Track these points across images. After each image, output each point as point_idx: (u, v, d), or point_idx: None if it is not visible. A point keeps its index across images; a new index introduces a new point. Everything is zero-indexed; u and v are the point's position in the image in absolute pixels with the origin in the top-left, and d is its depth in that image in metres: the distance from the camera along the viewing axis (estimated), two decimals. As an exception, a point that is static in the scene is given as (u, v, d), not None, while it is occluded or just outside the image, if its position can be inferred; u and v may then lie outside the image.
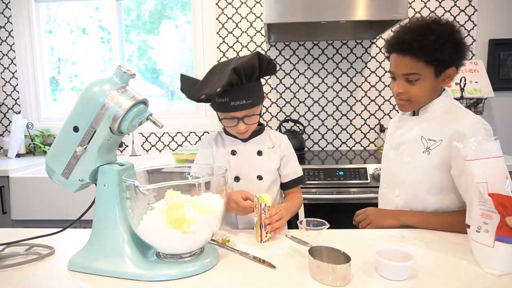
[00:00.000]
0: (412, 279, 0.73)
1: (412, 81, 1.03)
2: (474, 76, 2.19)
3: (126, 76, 0.82)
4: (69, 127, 0.81)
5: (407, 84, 1.04)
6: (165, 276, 0.75)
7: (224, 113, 1.10)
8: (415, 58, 1.00)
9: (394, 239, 0.95)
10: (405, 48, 1.00)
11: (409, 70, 1.02)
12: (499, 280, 0.72)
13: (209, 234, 0.81)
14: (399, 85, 1.06)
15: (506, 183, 0.75)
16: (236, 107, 1.06)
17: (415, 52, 0.99)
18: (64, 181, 0.85)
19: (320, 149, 2.49)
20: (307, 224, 0.96)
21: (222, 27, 2.43)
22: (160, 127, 0.85)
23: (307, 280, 0.74)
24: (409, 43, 0.99)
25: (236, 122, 1.09)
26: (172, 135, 2.53)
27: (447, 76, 1.04)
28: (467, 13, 2.31)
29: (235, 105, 1.06)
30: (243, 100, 1.06)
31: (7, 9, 2.51)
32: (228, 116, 1.09)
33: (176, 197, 0.75)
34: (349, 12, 1.81)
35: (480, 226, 0.78)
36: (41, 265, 0.83)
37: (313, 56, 2.42)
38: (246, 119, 1.09)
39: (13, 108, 2.59)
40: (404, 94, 1.05)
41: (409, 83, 1.04)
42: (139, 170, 0.87)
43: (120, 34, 2.55)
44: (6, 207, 1.95)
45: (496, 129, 2.36)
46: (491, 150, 0.78)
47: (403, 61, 1.02)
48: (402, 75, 1.04)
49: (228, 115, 1.09)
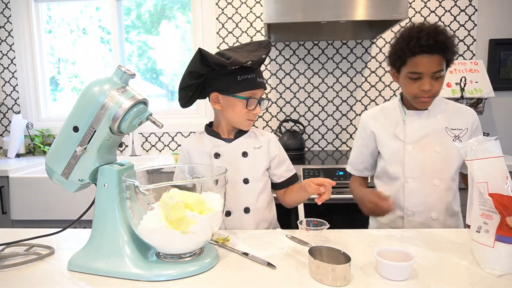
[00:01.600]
0: (412, 279, 0.73)
1: (438, 78, 1.13)
2: (474, 76, 2.19)
3: (126, 76, 0.82)
4: (69, 127, 0.81)
5: (433, 81, 1.12)
6: (165, 276, 0.75)
7: (248, 92, 1.08)
8: (443, 56, 1.11)
9: (394, 239, 0.95)
10: (441, 47, 1.09)
11: (438, 67, 1.11)
12: (499, 280, 0.72)
13: (209, 234, 0.81)
14: (428, 83, 1.12)
15: (507, 183, 0.75)
16: (261, 83, 1.10)
17: (446, 50, 1.10)
18: (64, 181, 0.85)
19: (320, 149, 2.49)
20: (307, 224, 0.96)
21: (222, 27, 2.43)
22: (160, 127, 0.85)
23: (307, 280, 0.74)
24: (444, 42, 1.09)
25: (255, 104, 1.10)
26: (172, 135, 2.53)
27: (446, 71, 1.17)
28: (467, 13, 2.31)
29: (260, 82, 1.09)
30: (263, 79, 1.12)
31: (7, 9, 2.51)
32: (250, 95, 1.08)
33: (176, 197, 0.75)
34: (349, 12, 1.81)
35: (480, 226, 0.78)
36: (41, 265, 0.83)
37: (313, 56, 2.42)
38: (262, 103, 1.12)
39: (12, 108, 2.59)
40: (431, 91, 1.13)
41: (435, 80, 1.12)
42: (139, 170, 0.87)
43: (120, 34, 2.55)
44: (6, 207, 1.95)
45: (496, 129, 2.36)
46: (491, 150, 0.78)
47: (434, 60, 1.10)
48: (432, 73, 1.11)
49: (252, 94, 1.09)
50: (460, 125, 1.18)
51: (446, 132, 1.18)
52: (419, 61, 1.10)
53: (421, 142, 1.18)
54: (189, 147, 1.17)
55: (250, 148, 1.14)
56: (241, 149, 1.14)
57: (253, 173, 1.13)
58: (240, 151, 1.13)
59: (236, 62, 1.01)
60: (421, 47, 1.08)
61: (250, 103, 1.08)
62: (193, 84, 1.10)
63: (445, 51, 1.10)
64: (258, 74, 1.09)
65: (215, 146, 1.13)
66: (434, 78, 1.12)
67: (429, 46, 1.08)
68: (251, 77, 1.06)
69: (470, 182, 0.82)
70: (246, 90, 1.07)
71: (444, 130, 1.18)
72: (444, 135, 1.18)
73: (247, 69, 1.05)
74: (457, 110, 1.22)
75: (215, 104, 1.12)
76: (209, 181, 0.87)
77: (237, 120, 1.12)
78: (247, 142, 1.15)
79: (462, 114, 1.20)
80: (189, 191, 0.81)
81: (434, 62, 1.10)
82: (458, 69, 2.23)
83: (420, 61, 1.10)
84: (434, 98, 1.17)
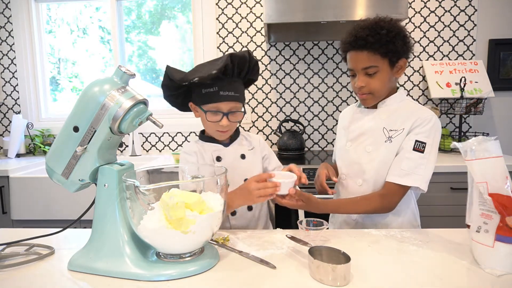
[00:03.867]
0: (412, 279, 0.73)
1: (371, 74, 1.10)
2: (474, 76, 2.19)
3: (126, 76, 0.82)
4: (69, 127, 0.81)
5: (367, 77, 1.11)
6: (165, 276, 0.75)
7: (211, 105, 1.09)
8: (372, 51, 1.07)
9: (394, 239, 0.95)
10: (362, 43, 1.07)
11: (368, 63, 1.09)
12: (499, 280, 0.72)
13: (209, 234, 0.81)
14: (360, 79, 1.12)
15: (506, 183, 0.75)
16: (224, 97, 1.07)
17: (371, 45, 1.06)
18: (64, 181, 0.85)
19: (320, 149, 2.49)
20: (307, 224, 0.96)
21: (222, 27, 2.43)
22: (160, 127, 0.86)
23: (307, 280, 0.74)
24: (365, 38, 1.06)
25: (221, 117, 1.09)
26: (172, 135, 2.53)
27: (399, 67, 1.12)
28: (467, 13, 2.31)
29: (224, 95, 1.07)
30: (232, 91, 1.08)
31: (7, 9, 2.51)
32: (214, 109, 1.09)
33: (176, 197, 0.75)
34: (349, 12, 1.82)
35: (480, 226, 0.78)
36: (41, 265, 0.83)
37: (313, 56, 2.42)
38: (231, 115, 1.10)
39: (13, 108, 2.60)
40: (365, 87, 1.11)
41: (369, 76, 1.10)
42: (139, 170, 0.87)
43: (120, 34, 2.55)
44: (6, 207, 1.95)
45: (496, 129, 2.36)
46: (491, 150, 0.78)
47: (361, 56, 1.09)
48: (362, 70, 1.10)
49: (215, 107, 1.09)
50: (397, 125, 1.11)
51: (383, 132, 1.13)
52: (349, 57, 1.12)
53: (357, 140, 1.19)
54: (195, 149, 1.18)
55: (245, 151, 1.20)
56: (239, 152, 1.18)
57: (252, 173, 1.14)
58: (238, 153, 1.18)
59: (184, 79, 1.05)
60: (347, 44, 1.11)
61: (209, 115, 1.10)
62: (174, 95, 1.14)
63: (370, 46, 1.06)
64: (223, 88, 1.07)
65: (215, 150, 1.17)
66: (368, 75, 1.10)
67: (350, 42, 1.10)
68: (213, 91, 1.07)
69: (470, 182, 0.82)
70: (207, 103, 1.09)
71: (381, 130, 1.13)
72: (380, 135, 1.13)
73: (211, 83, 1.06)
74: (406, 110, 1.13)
75: (195, 113, 1.17)
76: (210, 181, 0.87)
77: (208, 130, 1.17)
78: (242, 145, 1.20)
79: (407, 115, 1.11)
80: (189, 191, 0.81)
81: (361, 58, 1.09)
82: (458, 69, 2.23)
83: (350, 57, 1.12)
84: (374, 96, 1.13)
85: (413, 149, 1.06)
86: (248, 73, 1.12)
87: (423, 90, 2.38)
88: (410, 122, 1.09)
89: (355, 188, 1.17)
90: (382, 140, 1.13)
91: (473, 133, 2.33)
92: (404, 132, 1.10)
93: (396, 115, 1.13)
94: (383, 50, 1.06)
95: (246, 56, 1.08)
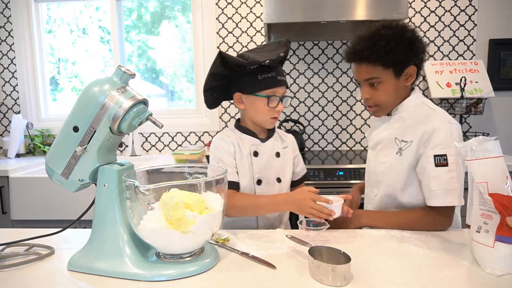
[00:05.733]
0: (412, 279, 0.73)
1: (375, 85, 1.06)
2: (474, 76, 2.19)
3: (126, 76, 0.82)
4: (69, 127, 0.81)
5: (371, 89, 1.07)
6: (165, 276, 0.75)
7: (269, 90, 1.09)
8: (371, 64, 1.04)
9: (394, 239, 0.95)
10: (358, 57, 1.05)
11: (368, 75, 1.06)
12: (499, 280, 0.72)
13: (209, 234, 0.81)
14: (364, 91, 1.09)
15: (507, 183, 0.75)
16: (282, 81, 1.11)
17: (368, 58, 1.03)
18: (64, 181, 0.85)
19: (320, 149, 2.49)
20: (307, 224, 0.96)
21: (222, 27, 2.43)
22: (160, 127, 0.85)
23: (307, 280, 0.74)
24: (361, 51, 1.03)
25: (277, 102, 1.11)
26: (172, 135, 2.53)
27: (408, 75, 1.06)
28: (467, 13, 2.31)
29: (280, 79, 1.10)
30: (283, 77, 1.12)
31: (7, 9, 2.51)
32: (271, 93, 1.10)
33: (176, 197, 0.75)
34: (349, 12, 1.81)
35: (480, 226, 0.78)
36: (41, 265, 0.83)
37: (313, 56, 2.42)
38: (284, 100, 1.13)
39: (12, 108, 2.59)
40: (370, 99, 1.09)
41: (372, 87, 1.07)
42: (139, 170, 0.87)
43: (120, 34, 2.55)
44: (6, 207, 1.95)
45: (496, 129, 2.36)
46: (491, 150, 0.78)
47: (361, 68, 1.07)
48: (364, 81, 1.08)
49: (273, 92, 1.10)
50: (408, 137, 1.05)
51: (395, 143, 1.08)
52: (352, 68, 1.11)
53: (375, 149, 1.17)
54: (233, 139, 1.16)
55: (280, 149, 1.19)
56: (274, 149, 1.18)
57: (284, 173, 1.19)
58: (274, 151, 1.18)
59: (254, 62, 1.05)
60: (346, 57, 1.10)
61: (271, 101, 1.10)
62: (217, 86, 1.14)
63: (367, 59, 1.03)
64: (279, 73, 1.11)
65: (253, 145, 1.16)
66: (372, 86, 1.06)
67: (350, 55, 1.08)
68: (271, 76, 1.09)
69: (470, 182, 0.82)
70: (266, 89, 1.09)
71: (394, 140, 1.09)
72: (392, 145, 1.09)
73: (267, 68, 1.08)
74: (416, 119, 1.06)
75: (239, 104, 1.16)
76: (210, 181, 0.87)
77: (260, 118, 1.14)
78: (277, 142, 1.20)
79: (417, 125, 1.04)
80: (189, 191, 0.81)
81: (362, 70, 1.06)
82: (458, 69, 2.23)
83: (352, 68, 1.11)
84: (382, 108, 1.09)
85: (435, 166, 0.98)
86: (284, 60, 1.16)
87: (423, 90, 2.37)
88: (418, 134, 1.02)
89: (371, 198, 1.16)
90: (394, 151, 1.08)
91: (473, 133, 2.33)
92: (414, 145, 1.03)
93: (407, 124, 1.07)
94: (382, 61, 1.02)
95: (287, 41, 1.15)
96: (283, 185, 1.18)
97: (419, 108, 1.08)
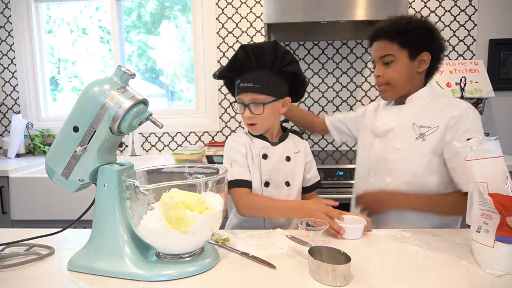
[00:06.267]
0: (412, 279, 0.73)
1: (388, 63, 1.11)
2: (474, 76, 2.19)
3: (126, 76, 0.82)
4: (69, 127, 0.81)
5: (384, 67, 1.13)
6: (165, 276, 0.75)
7: (237, 97, 1.12)
8: (389, 40, 1.10)
9: (394, 239, 0.95)
10: (380, 33, 1.12)
11: (384, 52, 1.11)
12: (499, 280, 0.72)
13: (209, 234, 0.81)
14: (377, 69, 1.14)
15: (506, 183, 0.75)
16: (242, 88, 1.09)
17: (387, 33, 1.10)
18: (64, 181, 0.85)
19: (320, 149, 2.49)
20: (307, 224, 0.96)
21: (222, 27, 2.43)
22: (160, 127, 0.85)
23: (307, 280, 0.74)
24: (383, 27, 1.11)
25: (243, 109, 1.11)
26: (172, 135, 2.53)
27: (422, 61, 1.10)
28: (467, 13, 2.31)
29: (242, 86, 1.09)
30: (251, 83, 1.08)
31: (7, 9, 2.51)
32: (239, 101, 1.11)
33: (176, 197, 0.75)
34: (349, 12, 1.81)
35: (480, 226, 0.78)
36: (41, 265, 0.83)
37: (313, 56, 2.42)
38: (252, 106, 1.09)
39: (12, 108, 2.59)
40: (382, 77, 1.13)
41: (386, 65, 1.12)
42: (139, 170, 0.87)
43: (120, 34, 2.55)
44: (6, 207, 1.95)
45: (496, 129, 2.36)
46: (491, 150, 0.78)
47: (379, 45, 1.13)
48: (379, 59, 1.13)
49: (239, 99, 1.11)
50: (430, 122, 1.07)
51: (413, 129, 1.09)
52: (372, 49, 1.17)
53: (386, 137, 1.16)
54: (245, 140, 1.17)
55: (291, 153, 1.19)
56: (285, 153, 1.17)
57: (294, 177, 1.17)
58: (284, 155, 1.17)
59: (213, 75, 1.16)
60: (370, 37, 1.17)
61: (239, 108, 1.14)
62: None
63: (386, 34, 1.10)
64: (245, 79, 1.08)
65: (263, 147, 1.16)
66: (385, 64, 1.12)
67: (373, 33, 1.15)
68: (237, 83, 1.11)
69: (470, 182, 0.82)
70: (236, 96, 1.13)
71: (411, 127, 1.10)
72: (409, 131, 1.10)
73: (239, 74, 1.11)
74: (438, 105, 1.09)
75: None
76: (210, 181, 0.87)
77: (243, 122, 1.18)
78: (288, 147, 1.20)
79: (440, 110, 1.07)
80: (189, 191, 0.81)
81: (380, 47, 1.12)
82: (458, 69, 2.23)
83: (372, 49, 1.17)
84: (393, 88, 1.13)
85: None
86: (276, 64, 1.07)
87: (423, 90, 2.37)
88: (445, 119, 1.04)
89: (383, 186, 1.14)
90: (413, 137, 1.09)
91: (473, 133, 2.33)
92: (440, 130, 1.05)
93: (426, 110, 1.09)
94: (400, 39, 1.08)
95: (263, 46, 1.06)
96: (292, 190, 1.16)
97: (436, 97, 1.13)
